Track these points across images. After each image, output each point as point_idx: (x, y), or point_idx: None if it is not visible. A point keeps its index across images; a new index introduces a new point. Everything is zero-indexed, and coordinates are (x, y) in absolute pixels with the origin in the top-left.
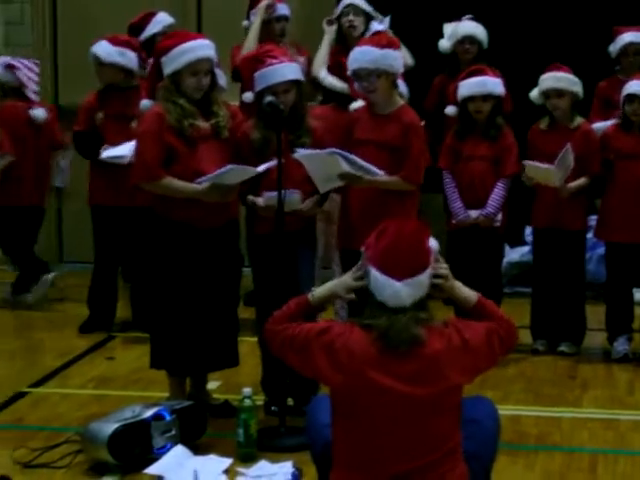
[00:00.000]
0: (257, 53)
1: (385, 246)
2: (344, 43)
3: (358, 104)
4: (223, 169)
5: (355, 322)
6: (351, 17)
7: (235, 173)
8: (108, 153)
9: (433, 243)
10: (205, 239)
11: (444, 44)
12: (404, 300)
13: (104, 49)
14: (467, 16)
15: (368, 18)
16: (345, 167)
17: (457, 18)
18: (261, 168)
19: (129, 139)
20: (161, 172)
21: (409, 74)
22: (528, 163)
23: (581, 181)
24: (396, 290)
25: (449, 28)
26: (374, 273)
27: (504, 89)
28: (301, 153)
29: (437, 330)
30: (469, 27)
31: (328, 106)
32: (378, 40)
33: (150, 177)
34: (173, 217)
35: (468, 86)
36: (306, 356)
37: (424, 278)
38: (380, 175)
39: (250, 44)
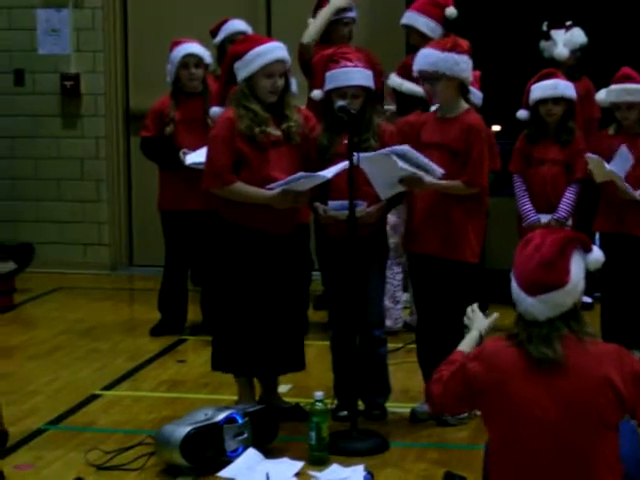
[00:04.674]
0: (334, 52)
1: (522, 258)
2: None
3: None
4: (293, 177)
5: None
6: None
7: (305, 180)
8: (193, 159)
9: (597, 254)
10: (274, 244)
11: (564, 51)
12: (537, 316)
13: None
14: (569, 22)
15: None
16: (402, 166)
17: (561, 24)
18: (331, 174)
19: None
20: (232, 177)
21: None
22: (590, 156)
23: None
24: (528, 305)
25: (561, 35)
26: (513, 284)
27: (575, 93)
28: (358, 157)
29: (580, 344)
30: (582, 35)
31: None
32: (443, 43)
33: (221, 182)
34: (242, 222)
35: (540, 89)
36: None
37: (561, 296)
38: (440, 173)
39: (311, 33)
